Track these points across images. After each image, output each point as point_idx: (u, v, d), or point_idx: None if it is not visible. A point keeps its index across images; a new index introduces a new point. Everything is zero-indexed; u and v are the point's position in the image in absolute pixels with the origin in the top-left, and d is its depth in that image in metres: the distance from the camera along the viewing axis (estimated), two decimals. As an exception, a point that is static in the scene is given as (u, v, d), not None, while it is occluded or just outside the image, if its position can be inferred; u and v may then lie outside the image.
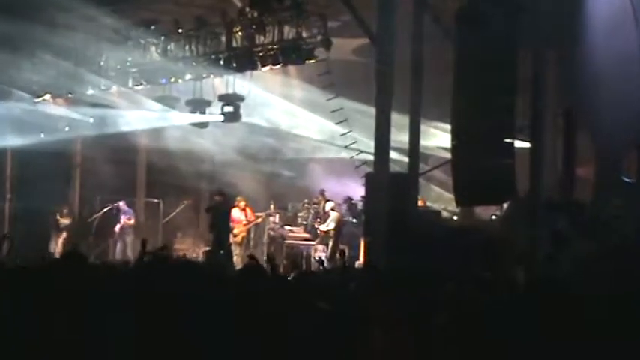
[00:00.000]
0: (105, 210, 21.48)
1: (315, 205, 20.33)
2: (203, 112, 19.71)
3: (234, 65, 17.20)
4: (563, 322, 4.33)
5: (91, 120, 21.33)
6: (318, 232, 19.35)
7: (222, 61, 17.34)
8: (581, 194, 14.57)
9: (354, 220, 19.26)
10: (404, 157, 15.57)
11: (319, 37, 15.78)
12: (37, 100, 20.43)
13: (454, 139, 13.30)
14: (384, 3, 14.11)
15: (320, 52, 15.94)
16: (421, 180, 15.89)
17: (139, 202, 22.88)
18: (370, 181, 14.79)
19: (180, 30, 17.99)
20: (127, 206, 21.52)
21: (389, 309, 4.91)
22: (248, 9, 16.78)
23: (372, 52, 14.98)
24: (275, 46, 16.35)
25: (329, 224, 18.97)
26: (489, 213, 17.23)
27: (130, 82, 19.06)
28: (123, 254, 20.35)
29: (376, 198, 14.28)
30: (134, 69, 18.85)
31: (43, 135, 21.05)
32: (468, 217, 17.82)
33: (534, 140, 13.26)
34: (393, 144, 14.53)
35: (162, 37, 18.28)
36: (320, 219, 19.60)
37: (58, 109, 21.12)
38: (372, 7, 14.37)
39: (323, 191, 20.30)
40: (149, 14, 18.64)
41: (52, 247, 20.78)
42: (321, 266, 13.00)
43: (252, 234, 20.53)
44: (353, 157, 17.79)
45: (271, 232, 20.42)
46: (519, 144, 13.25)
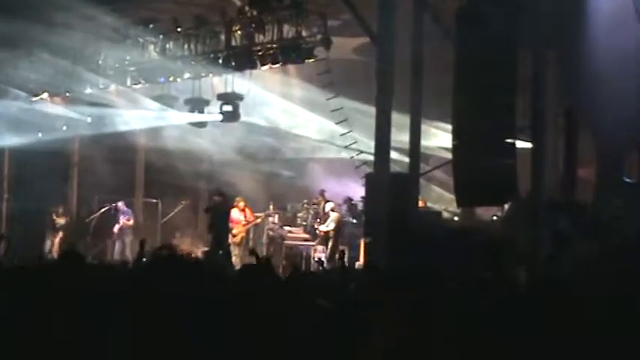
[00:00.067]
0: (103, 210, 21.50)
1: (315, 206, 20.33)
2: (202, 112, 19.72)
3: (233, 64, 17.22)
4: (564, 323, 4.36)
5: (89, 119, 21.33)
6: (317, 233, 19.36)
7: (221, 60, 17.36)
8: (583, 195, 14.60)
9: (354, 221, 19.27)
10: (404, 157, 15.58)
11: (319, 36, 15.80)
12: (34, 99, 20.43)
13: (455, 139, 13.32)
14: (384, 2, 14.14)
15: (320, 51, 15.96)
16: (422, 180, 15.91)
17: (137, 202, 22.88)
18: (370, 182, 14.81)
19: (179, 29, 18.01)
20: (126, 206, 21.55)
21: (389, 310, 4.94)
22: (247, 7, 16.79)
23: (372, 51, 15.00)
24: (274, 45, 16.37)
25: (329, 224, 18.99)
26: (490, 213, 17.24)
27: (129, 81, 19.07)
28: (121, 255, 20.36)
29: (376, 198, 14.30)
30: (132, 68, 18.86)
31: (40, 134, 21.05)
32: (468, 218, 17.84)
33: (535, 140, 13.28)
34: (393, 144, 14.55)
35: (161, 36, 18.29)
36: (320, 219, 19.60)
37: (55, 108, 21.10)
38: (372, 6, 14.40)
39: (323, 191, 20.29)
40: (148, 13, 18.64)
41: (48, 246, 20.79)
42: (321, 267, 13.03)
43: (252, 234, 20.55)
44: (353, 157, 17.81)
45: (270, 233, 20.43)
46: (520, 144, 13.27)
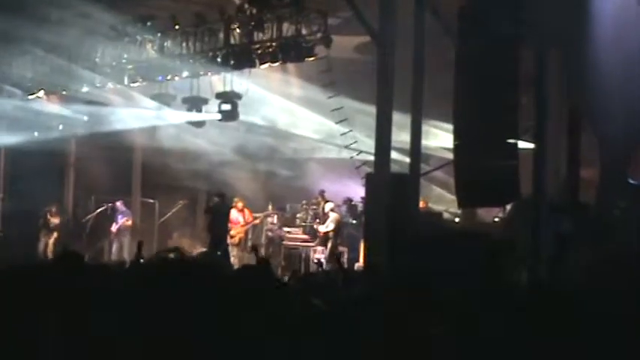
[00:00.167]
0: (99, 210, 21.51)
1: (314, 206, 20.36)
2: (200, 111, 19.72)
3: (232, 63, 17.23)
4: (565, 326, 4.38)
5: (86, 118, 21.34)
6: (317, 234, 19.40)
7: (219, 59, 17.37)
8: (586, 196, 14.62)
9: (353, 222, 19.31)
10: (405, 158, 15.59)
11: (319, 35, 15.82)
12: (30, 97, 20.42)
13: (456, 139, 13.33)
14: (385, 0, 14.16)
15: (320, 50, 15.98)
16: (422, 180, 15.93)
17: (134, 202, 22.89)
18: (370, 182, 14.81)
19: (178, 26, 18.01)
20: (125, 206, 21.57)
21: (388, 311, 4.96)
22: (247, 5, 16.80)
23: (373, 49, 15.01)
24: (274, 44, 16.39)
25: (328, 225, 19.02)
26: (492, 215, 17.27)
27: (126, 80, 19.06)
28: (119, 255, 20.37)
29: (376, 199, 14.30)
30: (130, 66, 18.85)
31: (36, 133, 21.05)
32: (470, 219, 17.88)
33: (538, 141, 13.27)
34: (394, 144, 14.55)
35: (159, 34, 18.29)
36: (319, 220, 19.63)
37: (51, 106, 21.10)
38: (373, 4, 14.39)
39: (322, 192, 20.32)
40: (145, 10, 18.63)
41: (42, 247, 20.74)
42: (320, 268, 13.04)
43: (250, 235, 20.59)
44: (353, 157, 17.84)
45: (269, 234, 20.47)
46: (523, 144, 13.28)
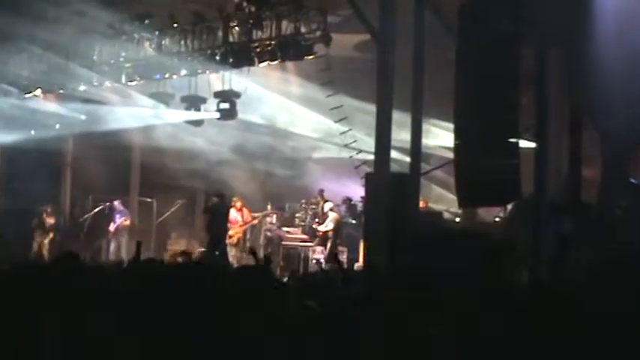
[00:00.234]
0: (97, 209, 21.51)
1: (314, 206, 20.36)
2: (198, 109, 19.73)
3: (230, 61, 17.22)
4: (566, 325, 4.39)
5: (83, 117, 21.34)
6: (316, 233, 19.40)
7: (218, 57, 17.36)
8: (587, 195, 14.63)
9: (353, 221, 19.31)
10: (405, 157, 15.61)
11: (318, 33, 15.81)
12: (27, 96, 20.41)
13: (457, 138, 13.33)
14: (385, -2, 14.18)
15: (319, 48, 15.97)
16: (422, 180, 15.93)
17: (132, 201, 22.88)
18: (370, 181, 14.82)
19: (176, 24, 18.01)
20: (123, 206, 21.56)
21: (387, 311, 4.97)
22: (245, 3, 16.79)
23: (372, 48, 15.02)
24: (273, 42, 16.38)
25: (327, 225, 19.02)
26: (493, 214, 17.28)
27: (124, 78, 19.04)
28: (116, 255, 20.36)
29: (376, 198, 14.31)
30: (128, 64, 18.84)
31: (33, 132, 21.06)
32: (470, 219, 17.87)
33: (539, 140, 13.28)
34: (393, 143, 14.56)
35: (157, 32, 18.28)
36: (318, 220, 19.64)
37: (48, 105, 21.09)
38: (373, 2, 14.41)
39: (322, 191, 20.32)
40: (143, 8, 18.61)
41: (36, 247, 20.67)
42: (319, 268, 13.07)
43: (249, 235, 20.59)
44: (352, 156, 17.82)
45: (268, 234, 20.46)
46: (524, 143, 13.29)
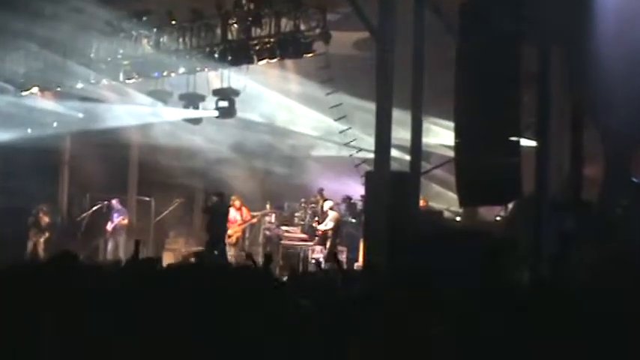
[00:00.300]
0: (95, 208, 21.51)
1: (313, 205, 20.36)
2: (197, 107, 19.72)
3: (229, 59, 17.23)
4: (568, 324, 4.40)
5: (81, 115, 21.33)
6: (315, 232, 19.40)
7: (217, 55, 17.38)
8: (589, 194, 14.64)
9: (353, 220, 19.31)
10: (405, 155, 15.61)
11: (318, 30, 15.83)
12: (24, 94, 20.41)
13: (457, 136, 13.34)
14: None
15: (318, 46, 16.00)
16: (422, 178, 15.94)
17: (130, 200, 22.87)
18: (370, 180, 14.82)
19: (174, 22, 18.02)
20: (121, 204, 21.55)
21: (387, 311, 4.98)
22: (244, 0, 16.81)
23: (372, 46, 15.02)
24: (272, 39, 16.40)
25: (327, 224, 19.02)
26: (494, 213, 17.28)
27: (122, 76, 19.03)
28: (114, 254, 20.35)
29: (376, 197, 14.32)
30: (126, 62, 18.84)
31: (29, 130, 21.05)
32: (471, 218, 17.88)
33: (540, 138, 13.30)
34: (394, 141, 14.57)
35: (155, 29, 18.29)
36: (318, 219, 19.63)
37: (45, 102, 21.09)
38: (372, 0, 14.42)
39: (321, 190, 20.31)
40: (141, 5, 18.62)
41: (31, 246, 20.66)
42: (319, 268, 13.06)
43: (248, 234, 20.60)
44: (352, 154, 17.83)
45: (267, 233, 20.47)
46: (525, 142, 13.29)
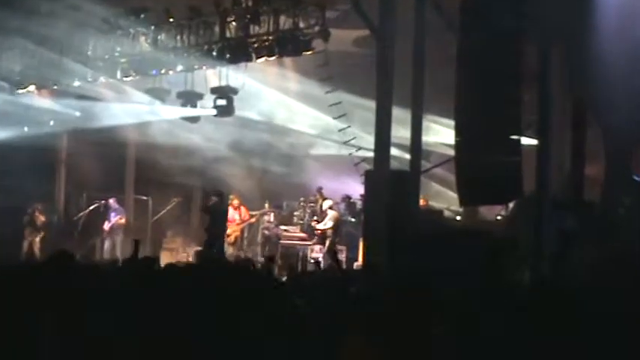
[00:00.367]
0: (92, 207, 21.50)
1: (312, 204, 20.35)
2: (195, 106, 19.71)
3: (227, 56, 17.22)
4: (569, 324, 4.39)
5: (78, 113, 21.31)
6: (315, 232, 19.39)
7: (215, 52, 17.36)
8: (590, 193, 14.63)
9: (352, 220, 19.31)
10: (405, 154, 15.60)
11: (317, 28, 15.81)
12: (20, 92, 20.40)
13: (458, 135, 13.34)
14: (384, -8, 14.17)
15: (318, 44, 15.97)
16: (422, 178, 15.93)
17: (127, 199, 22.84)
18: (370, 179, 14.82)
19: (172, 19, 18.00)
20: (118, 204, 21.53)
21: (388, 312, 4.97)
22: (243, -3, 16.82)
23: (372, 43, 15.01)
24: (271, 37, 16.38)
25: (326, 223, 19.01)
26: (494, 213, 17.28)
27: (119, 74, 19.02)
28: (111, 254, 20.34)
29: (376, 196, 14.32)
30: (123, 60, 18.83)
31: (26, 128, 21.03)
32: (471, 217, 17.87)
33: (542, 136, 13.29)
34: (393, 140, 14.57)
35: (153, 27, 18.27)
36: (317, 218, 19.63)
37: (42, 101, 21.08)
38: (372, -3, 14.43)
39: (320, 189, 20.30)
40: (139, 2, 18.62)
41: (27, 245, 20.62)
42: (318, 267, 13.05)
43: (246, 234, 20.59)
44: (352, 153, 17.82)
45: (266, 232, 20.46)
46: (526, 140, 13.29)
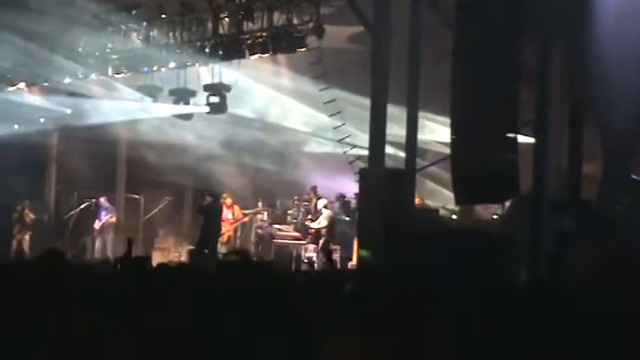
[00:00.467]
0: (82, 206, 21.47)
1: (306, 203, 20.34)
2: (187, 103, 19.71)
3: (220, 53, 17.23)
4: (565, 324, 4.39)
5: (68, 110, 21.29)
6: (308, 231, 19.37)
7: (208, 49, 17.36)
8: (588, 192, 14.64)
9: (346, 218, 19.30)
10: (400, 152, 15.60)
11: (311, 24, 15.82)
12: (10, 89, 20.36)
13: (453, 132, 13.34)
14: (379, -12, 14.17)
15: (312, 40, 15.97)
16: (417, 176, 15.92)
17: (118, 197, 22.83)
18: (364, 177, 14.83)
19: (164, 15, 17.99)
20: (109, 202, 21.51)
21: (382, 312, 4.95)
22: (236, -7, 16.81)
23: (367, 40, 15.01)
24: (264, 34, 16.39)
25: (321, 222, 18.98)
26: (490, 212, 17.27)
27: (110, 71, 19.01)
28: (102, 253, 20.33)
29: (370, 195, 14.32)
30: (114, 56, 18.81)
31: (16, 126, 21.01)
32: (467, 216, 17.88)
33: (539, 135, 13.30)
34: (388, 138, 14.57)
35: (145, 23, 18.26)
36: (311, 217, 19.60)
37: (32, 98, 21.06)
38: (367, -7, 14.42)
39: (314, 187, 20.29)
40: (130, -2, 18.62)
41: (15, 244, 20.60)
42: (311, 267, 13.07)
43: (239, 233, 20.58)
44: (346, 151, 17.82)
45: (259, 231, 20.46)
46: (523, 138, 13.29)
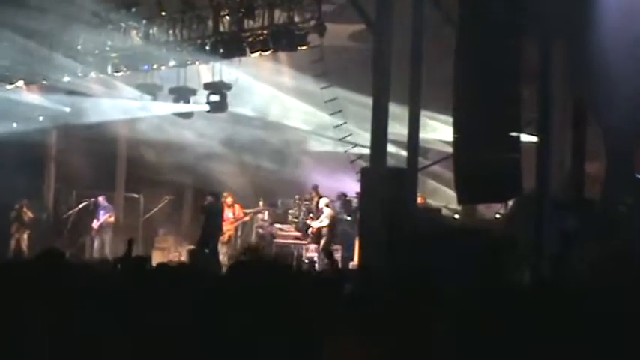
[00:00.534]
0: (81, 205, 21.49)
1: (307, 202, 20.33)
2: (187, 101, 19.72)
3: (221, 51, 17.22)
4: (569, 324, 4.41)
5: (67, 109, 21.31)
6: (310, 230, 19.37)
7: (208, 47, 17.36)
8: (591, 191, 14.67)
9: (348, 218, 19.29)
10: (402, 151, 15.61)
11: (312, 22, 15.83)
12: (9, 87, 20.38)
13: (456, 132, 13.36)
14: (381, -14, 14.18)
15: (313, 38, 15.98)
16: (419, 175, 15.94)
17: (117, 196, 22.83)
18: (366, 177, 14.82)
19: (164, 13, 17.99)
20: (107, 202, 21.53)
21: (384, 312, 4.97)
22: (236, -9, 16.82)
23: (368, 38, 15.01)
24: (265, 31, 16.39)
25: (322, 220, 18.96)
26: (493, 211, 17.29)
27: (110, 69, 19.01)
28: (100, 252, 20.33)
29: (372, 194, 14.32)
30: (114, 54, 18.81)
31: (15, 124, 21.02)
32: (470, 215, 17.89)
33: (542, 134, 13.32)
34: (390, 137, 14.57)
35: (145, 21, 18.26)
36: (312, 216, 19.60)
37: (31, 96, 21.07)
38: (369, -9, 14.43)
39: (316, 187, 20.28)
40: (130, -5, 18.62)
41: (14, 243, 20.62)
42: (312, 267, 13.09)
43: (240, 232, 20.58)
44: (348, 150, 17.83)
45: (260, 231, 20.44)
46: (525, 138, 13.31)
